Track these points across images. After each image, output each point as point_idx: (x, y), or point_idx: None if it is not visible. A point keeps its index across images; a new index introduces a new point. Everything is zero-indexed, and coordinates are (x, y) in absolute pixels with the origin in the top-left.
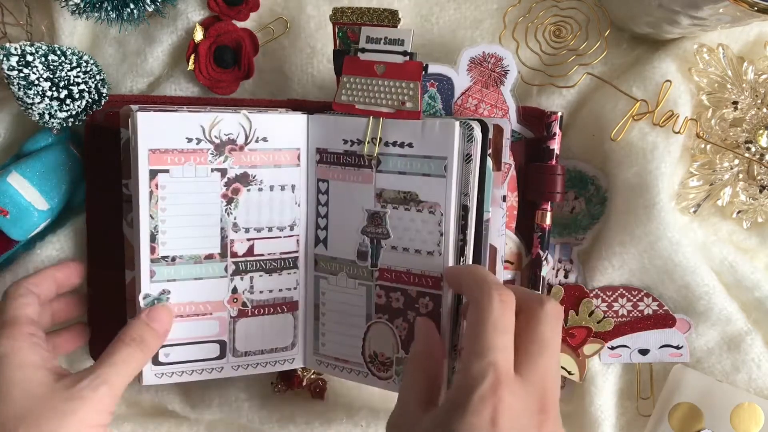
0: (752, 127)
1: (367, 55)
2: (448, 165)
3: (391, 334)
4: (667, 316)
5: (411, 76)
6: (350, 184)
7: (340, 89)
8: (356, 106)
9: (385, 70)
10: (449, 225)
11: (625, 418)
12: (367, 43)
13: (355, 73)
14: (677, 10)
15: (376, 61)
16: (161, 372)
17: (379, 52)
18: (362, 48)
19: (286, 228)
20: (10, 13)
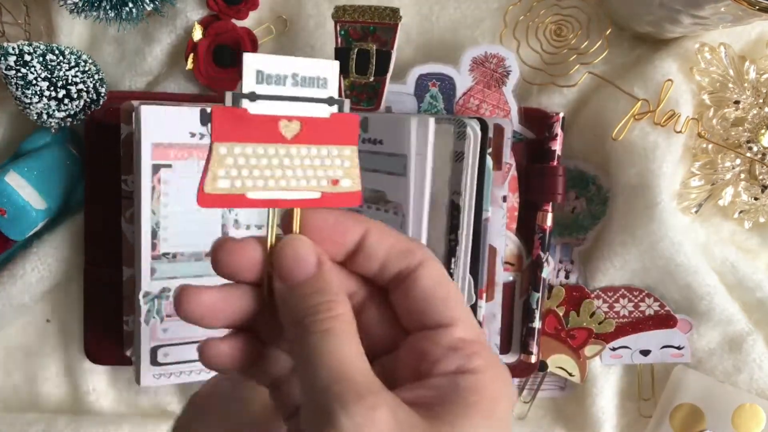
0: (754, 127)
1: (262, 104)
2: (407, 163)
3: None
4: (669, 316)
5: (343, 138)
6: None
7: (213, 167)
8: (248, 195)
9: (299, 131)
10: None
11: (627, 419)
12: (262, 83)
13: (241, 138)
14: (679, 9)
15: (280, 115)
16: (159, 373)
17: (284, 100)
18: (252, 93)
19: None
20: (8, 12)
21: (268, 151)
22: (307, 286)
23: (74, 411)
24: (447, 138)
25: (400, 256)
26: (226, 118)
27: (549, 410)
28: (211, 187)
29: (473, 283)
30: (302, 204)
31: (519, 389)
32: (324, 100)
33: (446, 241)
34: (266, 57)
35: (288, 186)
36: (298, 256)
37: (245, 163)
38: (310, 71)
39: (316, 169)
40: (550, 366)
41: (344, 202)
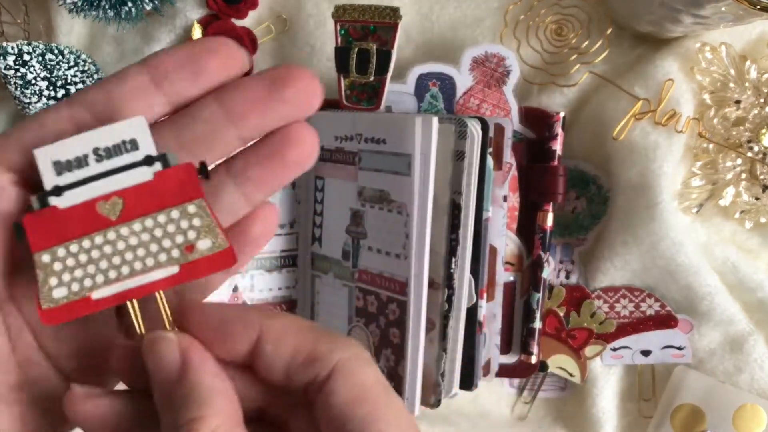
0: (755, 127)
1: (71, 195)
2: (412, 162)
3: (367, 339)
4: (670, 316)
5: (181, 195)
6: (339, 181)
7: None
8: (92, 296)
9: (123, 207)
10: (412, 226)
11: (627, 420)
12: (62, 173)
13: (61, 239)
14: (679, 8)
15: (95, 197)
16: None
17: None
18: (55, 187)
19: (287, 225)
20: (7, 11)
21: (95, 240)
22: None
23: None
24: (448, 137)
25: (304, 365)
26: (39, 223)
27: (549, 411)
28: (48, 302)
29: (474, 283)
30: (159, 286)
31: (519, 390)
32: (140, 163)
33: (447, 241)
34: (56, 145)
35: (134, 271)
36: (157, 357)
37: (75, 263)
38: (110, 139)
39: (161, 242)
40: (551, 366)
41: (211, 267)
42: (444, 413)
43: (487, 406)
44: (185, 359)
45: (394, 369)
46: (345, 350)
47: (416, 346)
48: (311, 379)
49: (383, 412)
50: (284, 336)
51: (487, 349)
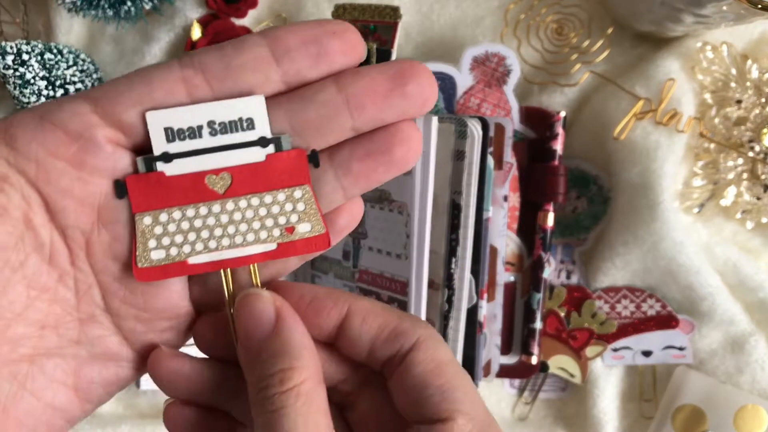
0: (756, 126)
1: (179, 164)
2: None
3: None
4: (671, 317)
5: (289, 179)
6: None
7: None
8: (189, 261)
9: (231, 183)
10: (412, 226)
11: (628, 421)
12: (174, 141)
13: (165, 204)
14: (680, 7)
15: (204, 171)
16: None
17: (204, 153)
18: (165, 153)
19: None
20: (6, 11)
21: (200, 211)
22: (264, 349)
23: None
24: (448, 137)
25: (389, 340)
26: (143, 185)
27: (550, 411)
28: (144, 261)
29: (474, 283)
30: (255, 259)
31: (519, 390)
32: (254, 143)
33: (447, 241)
34: (173, 111)
35: (233, 244)
36: (252, 312)
37: (177, 229)
38: (228, 114)
39: (263, 220)
40: (551, 367)
41: (307, 248)
42: None
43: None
44: (279, 314)
45: None
46: (424, 329)
47: None
48: (394, 353)
49: (458, 383)
50: (371, 313)
51: (488, 350)
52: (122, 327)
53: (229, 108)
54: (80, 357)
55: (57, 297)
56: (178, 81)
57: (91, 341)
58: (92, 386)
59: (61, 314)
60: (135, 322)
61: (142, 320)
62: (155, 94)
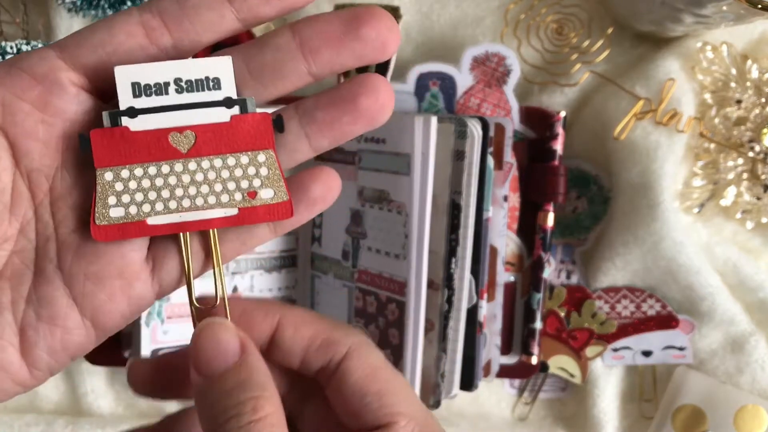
0: (756, 126)
1: (144, 119)
2: (411, 162)
3: None
4: (671, 317)
5: (253, 142)
6: None
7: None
8: (148, 221)
9: (195, 142)
10: (411, 226)
11: (628, 421)
12: (140, 96)
13: (127, 160)
14: (680, 7)
15: (168, 128)
16: None
17: (169, 110)
18: (130, 108)
19: None
20: (6, 11)
21: (162, 169)
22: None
23: (73, 412)
24: (448, 137)
25: (321, 349)
26: (107, 140)
27: (550, 411)
28: (103, 219)
29: (474, 283)
30: (216, 224)
31: (519, 390)
32: (220, 103)
33: (446, 241)
34: (141, 66)
35: (194, 206)
36: (217, 342)
37: (138, 187)
38: (195, 73)
39: (226, 183)
40: (551, 367)
41: (269, 215)
42: (444, 414)
43: (487, 407)
44: (244, 346)
45: None
46: (356, 337)
47: (415, 347)
48: (326, 363)
49: (394, 386)
50: (302, 323)
51: (488, 350)
52: (72, 286)
53: (197, 67)
54: (28, 317)
55: (17, 248)
56: (137, 24)
57: (40, 300)
58: (37, 351)
59: (19, 267)
60: (84, 280)
61: (92, 277)
62: (116, 38)
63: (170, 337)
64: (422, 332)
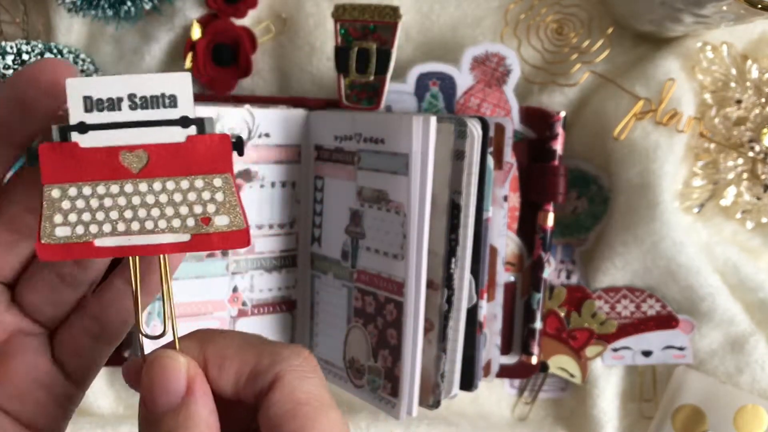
0: (756, 126)
1: (95, 136)
2: (409, 162)
3: (365, 339)
4: (671, 317)
5: (210, 165)
6: (339, 181)
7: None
8: (95, 243)
9: (147, 163)
10: (409, 226)
11: (628, 421)
12: (92, 111)
13: (76, 178)
14: (680, 7)
15: (119, 146)
16: None
17: (122, 127)
18: (81, 123)
19: (287, 225)
20: (6, 10)
21: (111, 189)
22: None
23: None
24: (447, 137)
25: (249, 382)
26: (56, 155)
27: (550, 411)
28: (48, 238)
29: (474, 283)
30: (166, 249)
31: (519, 390)
32: (175, 122)
33: (446, 241)
34: (94, 80)
35: (144, 229)
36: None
37: (85, 206)
38: (150, 89)
39: (178, 207)
40: (551, 367)
41: (224, 243)
42: (444, 414)
43: (487, 407)
44: (190, 387)
45: (391, 370)
46: (286, 362)
47: (413, 347)
48: (257, 393)
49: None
50: (226, 359)
51: (488, 350)
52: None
53: (153, 82)
54: None
55: None
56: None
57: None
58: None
59: None
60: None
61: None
62: None
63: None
64: (421, 332)
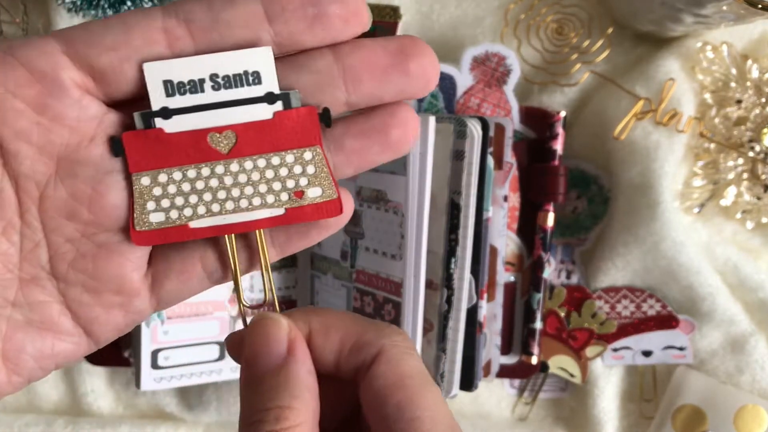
0: (756, 126)
1: (180, 120)
2: (407, 162)
3: None
4: (671, 317)
5: (298, 140)
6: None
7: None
8: (190, 225)
9: (236, 143)
10: (407, 226)
11: (628, 421)
12: (174, 95)
13: (164, 164)
14: (680, 7)
15: (206, 128)
16: (160, 377)
17: (207, 109)
18: (164, 109)
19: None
20: (6, 10)
21: (202, 172)
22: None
23: (72, 412)
24: (446, 137)
25: (352, 353)
26: (141, 143)
27: (550, 411)
28: (143, 224)
29: (474, 283)
30: (262, 224)
31: (519, 390)
32: (261, 99)
33: (446, 241)
34: (172, 62)
35: (238, 208)
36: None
37: (177, 191)
38: (232, 67)
39: (271, 183)
40: (551, 367)
41: (318, 214)
42: None
43: (487, 407)
44: (291, 348)
45: None
46: (389, 338)
47: None
48: (359, 365)
49: (418, 399)
50: (331, 328)
51: (488, 350)
52: (67, 295)
53: (234, 60)
54: (14, 321)
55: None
56: (158, 30)
57: (30, 305)
58: (22, 356)
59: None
60: (82, 291)
61: (90, 290)
62: (133, 41)
63: (170, 337)
64: (420, 332)
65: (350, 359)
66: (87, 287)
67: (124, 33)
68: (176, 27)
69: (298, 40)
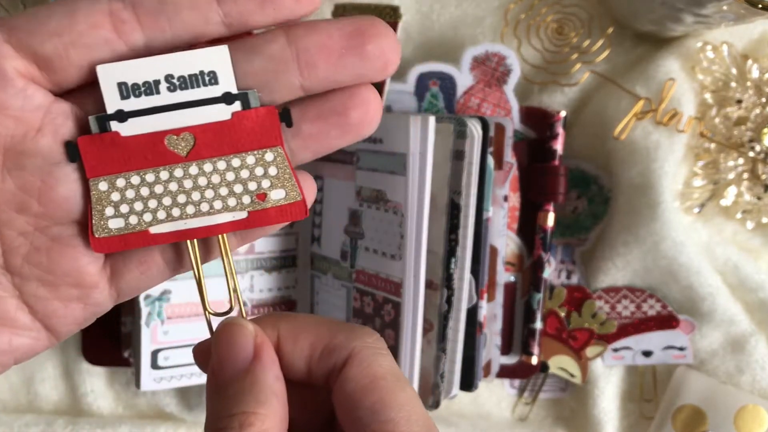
0: (757, 126)
1: (136, 123)
2: (407, 162)
3: None
4: (671, 317)
5: (259, 140)
6: (338, 181)
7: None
8: (150, 230)
9: (195, 144)
10: (406, 226)
11: (628, 421)
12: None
13: (121, 168)
14: (681, 7)
15: (164, 131)
16: (160, 377)
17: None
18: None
19: (286, 225)
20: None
21: (160, 175)
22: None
23: (72, 412)
24: (446, 137)
25: (323, 357)
26: (97, 147)
27: (550, 411)
28: (102, 231)
29: (474, 283)
30: (224, 229)
31: (520, 390)
32: (218, 99)
33: (446, 242)
34: (127, 63)
35: (199, 212)
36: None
37: (136, 195)
38: (188, 67)
39: (232, 186)
40: (552, 367)
41: (281, 217)
42: (444, 414)
43: (487, 407)
44: (257, 354)
45: None
46: (360, 339)
47: (411, 348)
48: (330, 370)
49: (392, 400)
50: (301, 333)
51: (488, 350)
52: (23, 290)
53: (189, 60)
54: None
55: None
56: (103, 14)
57: None
58: None
59: None
60: (38, 285)
61: (46, 284)
62: (77, 27)
63: (170, 337)
64: (419, 333)
65: (321, 364)
66: (43, 281)
67: (68, 18)
68: (122, 10)
69: (249, 20)
